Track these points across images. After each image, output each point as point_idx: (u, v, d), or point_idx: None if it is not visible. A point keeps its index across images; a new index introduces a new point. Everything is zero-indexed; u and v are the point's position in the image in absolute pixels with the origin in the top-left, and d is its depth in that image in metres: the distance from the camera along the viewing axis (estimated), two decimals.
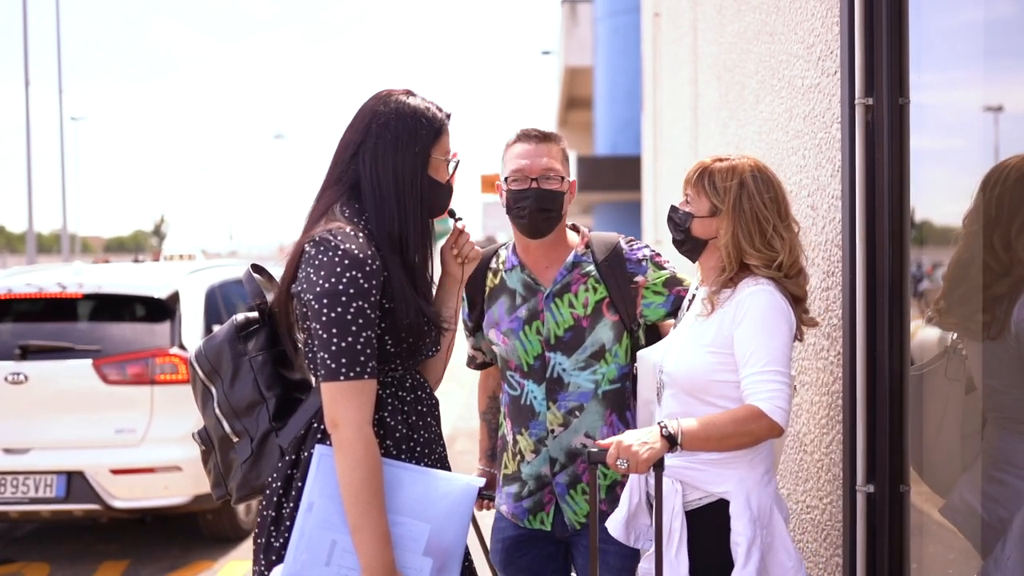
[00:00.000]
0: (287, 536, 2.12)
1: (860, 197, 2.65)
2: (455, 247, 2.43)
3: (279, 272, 2.31)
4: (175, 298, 5.79)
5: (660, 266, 2.73)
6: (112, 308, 5.97)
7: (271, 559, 2.14)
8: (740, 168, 2.39)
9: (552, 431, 2.69)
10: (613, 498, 2.69)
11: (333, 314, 2.03)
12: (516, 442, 2.76)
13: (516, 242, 2.79)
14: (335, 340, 2.03)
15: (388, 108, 2.22)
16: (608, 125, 20.74)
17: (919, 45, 2.61)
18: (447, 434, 2.06)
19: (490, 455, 3.01)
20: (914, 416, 2.64)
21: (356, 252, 2.06)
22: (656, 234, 7.32)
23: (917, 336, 2.76)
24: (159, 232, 72.42)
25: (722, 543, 2.30)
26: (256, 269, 2.39)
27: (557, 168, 2.66)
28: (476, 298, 2.82)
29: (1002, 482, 2.42)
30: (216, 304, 6.12)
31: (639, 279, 2.70)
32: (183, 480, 5.45)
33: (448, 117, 2.28)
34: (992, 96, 2.54)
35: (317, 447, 2.12)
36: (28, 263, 24.12)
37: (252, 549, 2.22)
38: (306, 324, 2.13)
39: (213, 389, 2.29)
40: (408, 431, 2.23)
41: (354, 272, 2.04)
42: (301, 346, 2.26)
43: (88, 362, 5.50)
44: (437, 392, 2.37)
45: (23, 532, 6.40)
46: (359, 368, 2.04)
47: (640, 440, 2.20)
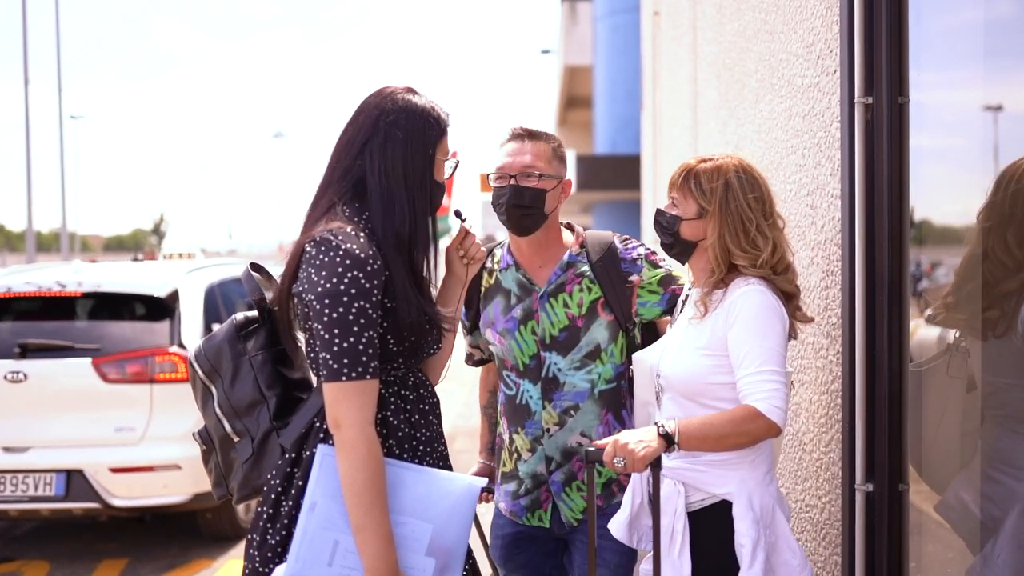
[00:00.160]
0: (284, 534, 2.12)
1: (859, 196, 2.65)
2: (461, 247, 2.43)
3: (278, 271, 2.31)
4: (174, 297, 5.79)
5: (655, 264, 2.73)
6: (111, 307, 5.98)
7: (266, 556, 2.13)
8: (725, 168, 2.38)
9: (548, 430, 2.70)
10: (608, 494, 2.70)
11: (335, 314, 2.03)
12: (512, 441, 2.77)
13: (510, 241, 2.79)
14: (337, 340, 2.03)
15: (396, 106, 2.20)
16: (607, 124, 20.73)
17: (919, 44, 2.61)
18: (447, 432, 2.07)
19: (490, 449, 3.02)
20: (914, 414, 2.64)
21: (357, 252, 2.05)
22: (655, 233, 7.29)
23: (916, 335, 2.76)
24: (158, 231, 72.39)
25: (724, 544, 2.30)
26: (255, 268, 2.38)
27: (538, 166, 2.66)
28: (472, 297, 2.82)
29: (997, 481, 2.42)
30: (215, 303, 6.12)
31: (634, 278, 2.70)
32: (182, 479, 5.46)
33: (448, 117, 2.28)
34: (992, 95, 2.54)
35: (320, 447, 2.12)
36: (27, 262, 24.12)
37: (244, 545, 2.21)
38: (307, 324, 2.13)
39: (213, 389, 2.28)
40: (410, 430, 2.22)
41: (356, 272, 2.04)
42: (302, 345, 2.25)
43: (87, 361, 5.51)
44: (437, 391, 2.37)
45: (23, 530, 6.40)
46: (361, 368, 2.03)
47: (637, 439, 2.20)
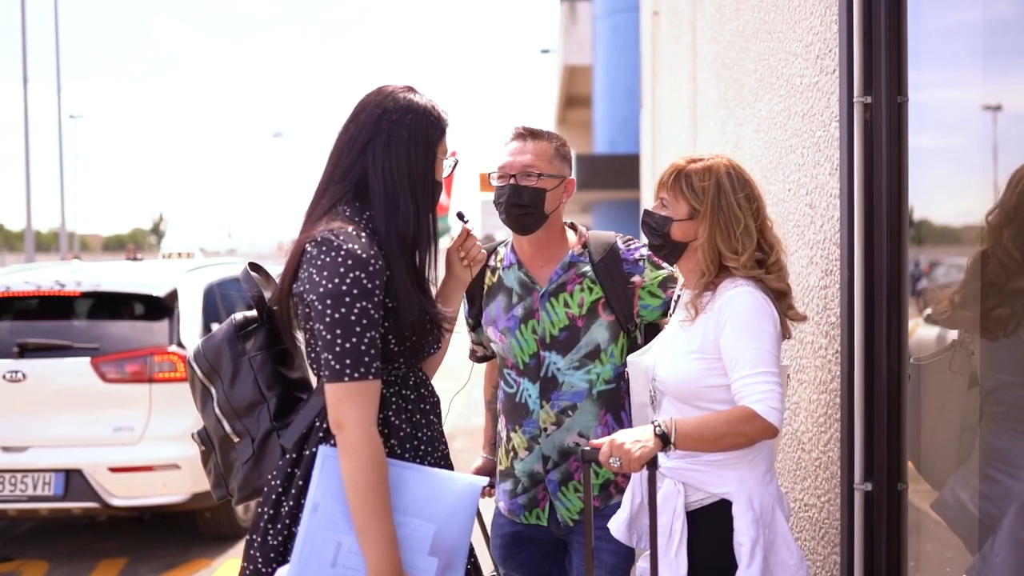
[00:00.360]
0: (285, 534, 2.12)
1: (858, 195, 2.65)
2: (462, 249, 2.43)
3: (278, 270, 2.30)
4: (173, 296, 5.79)
5: (657, 266, 2.72)
6: (110, 306, 5.97)
7: (268, 556, 2.13)
8: (716, 168, 2.37)
9: (545, 429, 2.70)
10: (606, 496, 2.70)
11: (337, 315, 2.02)
12: (510, 439, 2.78)
13: (513, 240, 2.80)
14: (339, 341, 2.02)
15: (398, 105, 2.19)
16: (607, 123, 20.72)
17: (918, 44, 2.61)
18: (446, 432, 2.06)
19: (494, 444, 3.02)
20: (914, 412, 2.65)
21: (359, 252, 2.05)
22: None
23: (915, 334, 2.76)
24: (158, 230, 72.37)
25: (722, 543, 2.30)
26: (253, 267, 2.38)
27: (538, 165, 2.66)
28: (475, 295, 2.83)
29: (994, 480, 2.42)
30: (215, 302, 6.12)
31: (636, 279, 2.70)
32: (181, 478, 5.45)
33: (447, 116, 2.28)
34: (991, 95, 2.54)
35: (321, 447, 2.11)
36: (27, 261, 24.10)
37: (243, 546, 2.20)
38: (308, 324, 2.12)
39: (213, 389, 2.28)
40: (412, 430, 2.22)
41: (357, 272, 2.03)
42: (302, 345, 2.25)
43: (86, 360, 5.50)
44: (436, 390, 2.37)
45: (21, 530, 6.40)
46: (364, 369, 2.03)
47: (633, 438, 2.20)
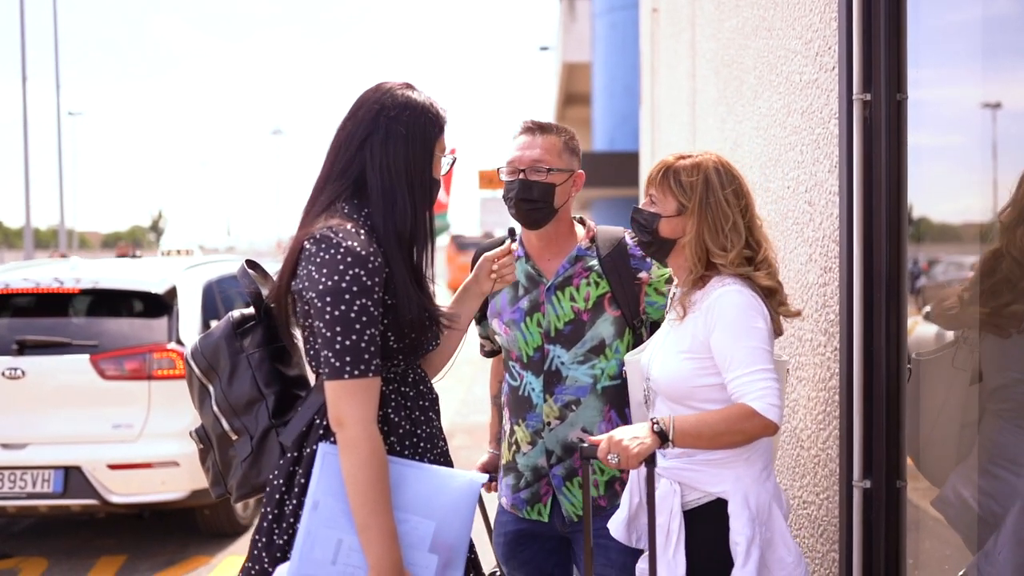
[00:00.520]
0: (290, 533, 2.11)
1: (858, 193, 2.65)
2: (497, 263, 2.43)
3: (276, 267, 2.30)
4: (172, 293, 5.78)
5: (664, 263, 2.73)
6: (109, 303, 5.96)
7: (275, 556, 2.12)
8: (704, 164, 2.37)
9: (548, 423, 2.70)
10: (612, 494, 2.69)
11: (337, 312, 2.02)
12: (513, 432, 2.77)
13: (522, 233, 2.80)
14: (339, 338, 2.02)
15: (397, 102, 2.19)
16: (606, 121, 20.72)
17: (917, 41, 2.61)
18: (445, 429, 2.06)
19: (499, 439, 3.02)
20: (914, 409, 2.65)
21: (358, 249, 2.04)
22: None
23: (914, 332, 2.76)
24: (157, 227, 72.37)
25: (720, 542, 2.30)
26: (250, 265, 2.37)
27: (548, 160, 2.66)
28: None
29: (996, 476, 2.42)
30: (213, 299, 6.12)
31: (643, 275, 2.70)
32: (180, 475, 5.45)
33: (446, 113, 2.27)
34: (990, 93, 2.54)
35: (321, 445, 2.11)
36: (25, 258, 24.09)
37: (248, 546, 2.19)
38: (307, 322, 2.12)
39: (210, 387, 2.27)
40: (411, 427, 2.22)
41: (357, 269, 2.03)
42: (300, 343, 2.25)
43: (85, 357, 5.49)
44: (436, 388, 2.37)
45: (21, 527, 6.40)
46: (363, 366, 2.02)
47: (632, 435, 2.20)
